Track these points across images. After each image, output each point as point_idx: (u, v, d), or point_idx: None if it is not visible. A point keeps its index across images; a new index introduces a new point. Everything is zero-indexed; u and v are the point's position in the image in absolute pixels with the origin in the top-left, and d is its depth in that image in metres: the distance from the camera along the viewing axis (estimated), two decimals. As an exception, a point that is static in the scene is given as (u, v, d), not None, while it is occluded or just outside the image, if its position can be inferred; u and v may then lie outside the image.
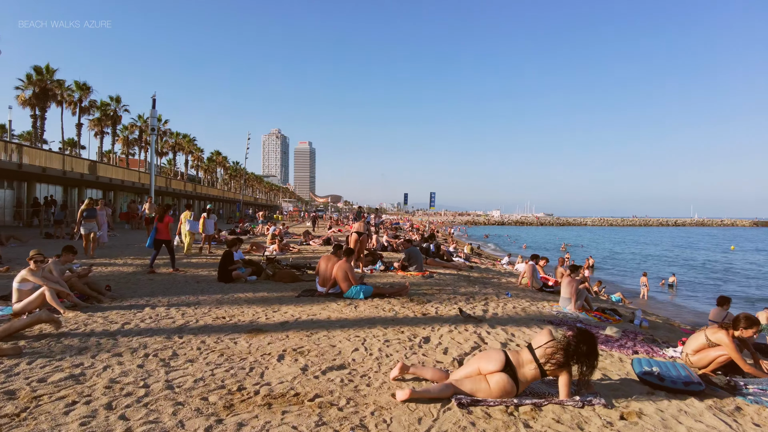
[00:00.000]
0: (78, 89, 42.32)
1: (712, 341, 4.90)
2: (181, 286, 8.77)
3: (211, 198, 59.60)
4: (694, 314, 15.84)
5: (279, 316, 6.51)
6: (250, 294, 8.18)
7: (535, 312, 8.02)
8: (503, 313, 7.51)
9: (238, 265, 9.61)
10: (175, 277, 9.92)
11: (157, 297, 7.64)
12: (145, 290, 8.25)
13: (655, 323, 8.95)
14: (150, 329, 5.57)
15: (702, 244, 60.38)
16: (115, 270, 10.60)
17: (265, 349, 4.88)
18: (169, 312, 6.55)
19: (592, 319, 8.05)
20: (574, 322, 7.36)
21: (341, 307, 7.23)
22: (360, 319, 6.43)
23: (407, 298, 8.07)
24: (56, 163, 26.47)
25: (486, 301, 8.45)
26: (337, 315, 6.67)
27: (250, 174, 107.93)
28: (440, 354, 5.02)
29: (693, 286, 24.45)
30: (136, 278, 9.58)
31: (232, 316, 6.40)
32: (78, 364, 4.19)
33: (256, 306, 7.14)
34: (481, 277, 12.76)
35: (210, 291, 8.39)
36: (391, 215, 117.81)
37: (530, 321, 7.12)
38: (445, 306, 7.62)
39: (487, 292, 9.67)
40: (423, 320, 6.54)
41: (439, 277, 11.17)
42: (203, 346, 4.92)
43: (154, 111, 27.31)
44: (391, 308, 7.22)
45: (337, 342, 5.25)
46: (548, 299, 10.02)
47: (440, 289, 9.31)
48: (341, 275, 7.95)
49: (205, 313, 6.58)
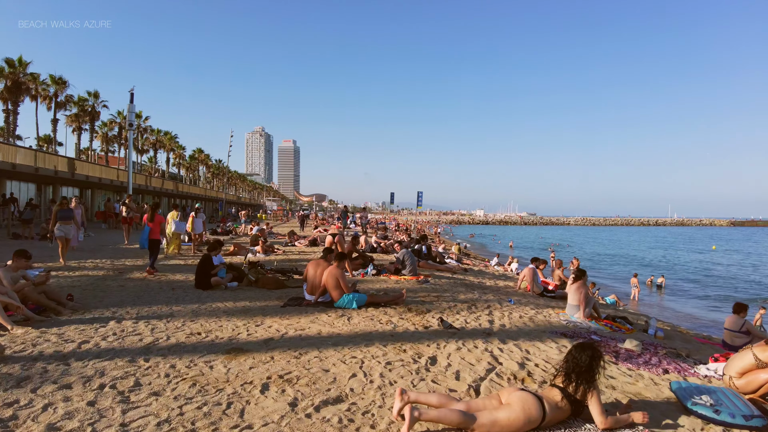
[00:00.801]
0: (53, 83, 40.70)
1: (763, 361, 4.28)
2: (155, 294, 7.95)
3: (193, 197, 58.13)
4: (690, 318, 15.46)
5: (262, 331, 5.74)
6: (230, 303, 7.38)
7: (544, 322, 7.38)
8: (511, 325, 6.85)
9: (217, 270, 8.79)
10: (148, 283, 9.07)
11: (126, 307, 6.81)
12: (114, 299, 7.40)
13: (665, 332, 8.38)
14: (111, 350, 4.77)
15: (683, 245, 60.85)
16: (83, 275, 9.70)
17: (246, 376, 4.12)
18: (137, 326, 5.74)
19: (604, 329, 7.45)
20: (588, 334, 6.74)
21: (333, 319, 6.49)
22: (355, 335, 5.70)
23: (404, 307, 7.36)
24: (27, 159, 25.16)
25: (490, 310, 7.79)
26: (328, 329, 5.92)
27: (234, 172, 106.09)
28: (452, 379, 4.32)
29: (680, 286, 24.24)
30: (105, 284, 8.71)
31: (209, 332, 5.61)
32: (11, 402, 3.39)
33: (236, 318, 6.36)
34: (477, 281, 12.11)
35: (186, 300, 7.57)
36: (376, 214, 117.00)
37: (542, 333, 6.47)
38: (447, 317, 6.93)
39: (489, 298, 9.01)
40: (425, 335, 5.83)
41: (434, 282, 10.49)
42: (173, 373, 4.15)
43: (131, 106, 26.16)
44: (388, 320, 6.51)
45: (330, 365, 4.52)
46: (551, 305, 9.42)
47: (438, 296, 8.62)
48: (332, 282, 7.21)
49: (178, 327, 5.78)
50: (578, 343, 3.52)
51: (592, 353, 3.32)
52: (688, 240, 72.67)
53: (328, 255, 7.92)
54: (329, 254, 7.95)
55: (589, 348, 3.36)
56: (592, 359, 3.29)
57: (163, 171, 65.37)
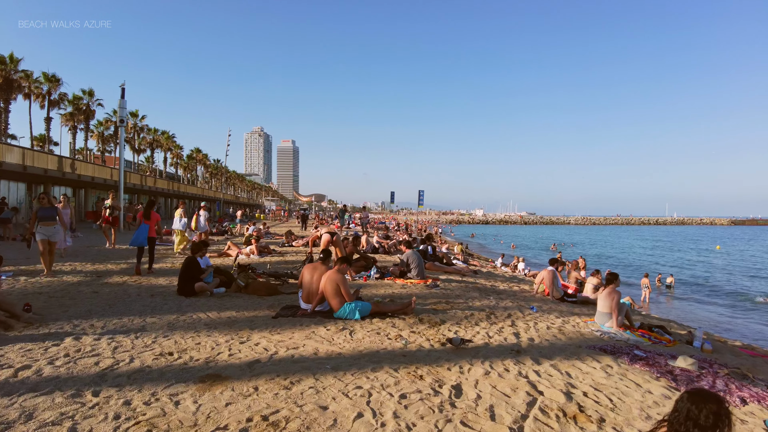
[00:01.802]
0: (46, 81, 39.75)
1: None
2: (130, 303, 6.98)
3: (190, 196, 57.14)
4: (713, 324, 14.47)
5: (248, 350, 4.77)
6: (214, 313, 6.41)
7: (574, 333, 6.42)
8: (540, 338, 5.88)
9: (205, 275, 7.82)
10: (127, 288, 8.10)
11: (92, 319, 5.84)
12: (81, 309, 6.43)
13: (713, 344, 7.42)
14: (55, 378, 3.80)
15: (686, 244, 59.82)
16: (56, 280, 8.73)
17: (219, 418, 3.16)
18: (97, 345, 4.77)
19: (643, 341, 6.49)
20: (629, 348, 5.78)
21: (332, 333, 5.52)
22: (359, 354, 4.73)
23: (414, 317, 6.40)
24: (15, 158, 24.17)
25: (512, 320, 6.82)
26: (326, 347, 4.95)
27: (232, 172, 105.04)
28: (486, 419, 3.35)
29: (689, 286, 23.31)
30: (77, 291, 7.74)
31: (183, 351, 4.65)
32: None
33: (218, 333, 5.40)
34: (489, 284, 11.12)
35: (164, 309, 6.60)
36: (375, 214, 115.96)
37: (577, 349, 5.51)
38: (465, 329, 5.98)
39: (507, 305, 8.05)
40: (444, 354, 4.86)
41: (444, 286, 9.52)
42: (125, 413, 3.19)
43: (123, 101, 25.21)
44: (397, 334, 5.54)
45: (329, 399, 3.55)
46: (575, 311, 8.48)
47: (451, 304, 7.64)
48: (331, 289, 6.23)
49: (147, 345, 4.81)
50: (694, 391, 2.42)
51: (718, 410, 2.23)
52: (691, 240, 71.58)
53: (326, 258, 6.96)
54: (328, 257, 6.99)
55: (712, 401, 2.26)
56: (717, 419, 2.26)
57: (160, 171, 64.37)
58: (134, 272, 9.66)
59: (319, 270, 6.60)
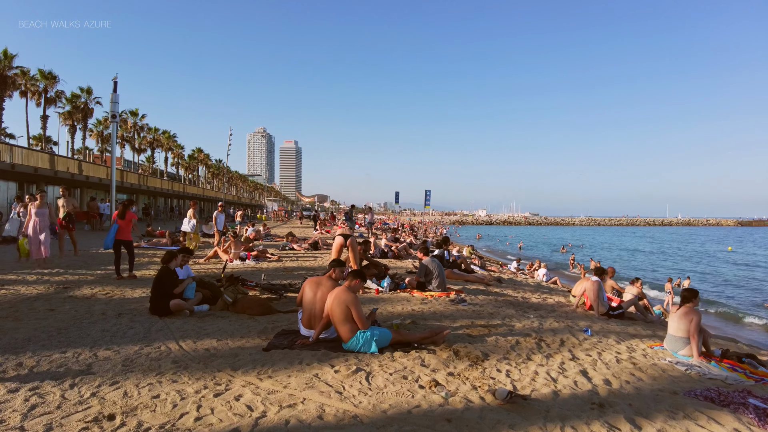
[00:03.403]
0: (42, 78, 38.64)
1: None
2: (88, 325, 5.55)
3: (190, 197, 55.89)
4: (750, 338, 12.83)
5: (223, 409, 3.32)
6: (189, 343, 4.95)
7: (653, 369, 4.96)
8: (618, 380, 4.41)
9: (183, 288, 6.38)
10: (91, 305, 6.67)
11: (25, 353, 4.41)
12: (19, 336, 4.99)
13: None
14: None
15: (694, 246, 57.85)
16: (8, 291, 7.34)
17: None
18: (8, 401, 3.35)
19: (742, 378, 5.04)
20: (740, 395, 4.32)
21: (342, 377, 4.05)
22: (384, 419, 3.24)
23: (447, 349, 4.94)
24: (2, 155, 22.87)
25: (569, 349, 5.35)
26: (336, 405, 3.48)
27: (234, 172, 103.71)
28: None
29: (707, 293, 21.69)
30: (29, 308, 6.32)
31: (131, 411, 3.22)
32: None
33: (188, 376, 3.95)
34: (519, 296, 9.61)
35: (127, 336, 5.17)
36: (378, 215, 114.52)
37: (674, 397, 4.04)
38: (518, 366, 4.53)
39: (554, 327, 6.53)
40: (504, 415, 3.41)
41: (470, 300, 8.05)
42: None
43: (115, 95, 23.67)
44: (431, 379, 4.07)
45: None
46: (629, 331, 7.02)
47: (487, 326, 6.16)
48: (340, 313, 4.76)
49: (81, 401, 3.38)
50: None
51: None
52: (699, 241, 69.51)
53: (335, 269, 5.47)
54: (337, 267, 5.50)
55: None
56: None
57: (161, 171, 63.11)
58: (116, 277, 8.98)
59: (323, 286, 5.14)
